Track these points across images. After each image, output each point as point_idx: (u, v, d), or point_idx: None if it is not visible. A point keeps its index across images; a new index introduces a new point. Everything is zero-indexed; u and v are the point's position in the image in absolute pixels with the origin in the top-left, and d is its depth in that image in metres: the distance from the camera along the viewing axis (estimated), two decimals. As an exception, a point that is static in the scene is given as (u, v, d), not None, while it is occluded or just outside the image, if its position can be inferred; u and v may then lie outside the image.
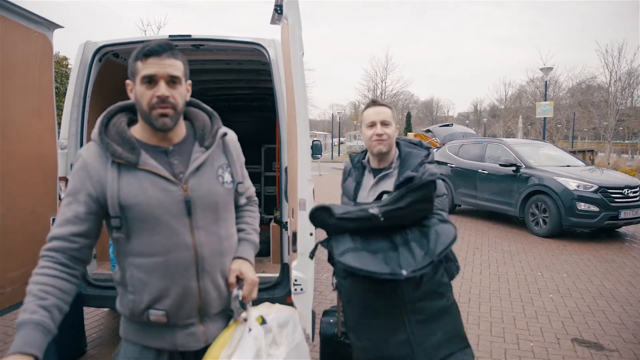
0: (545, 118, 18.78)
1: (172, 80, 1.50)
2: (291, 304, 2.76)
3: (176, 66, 1.51)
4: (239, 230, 1.78)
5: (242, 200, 1.80)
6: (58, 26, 3.40)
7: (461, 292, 5.34)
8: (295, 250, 2.61)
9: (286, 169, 3.24)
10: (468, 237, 8.42)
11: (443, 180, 2.09)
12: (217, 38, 3.76)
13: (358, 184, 2.31)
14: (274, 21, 2.86)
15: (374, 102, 2.30)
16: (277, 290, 3.38)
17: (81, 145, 3.64)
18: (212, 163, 1.62)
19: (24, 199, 3.13)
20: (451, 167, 10.77)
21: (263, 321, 1.62)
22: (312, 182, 2.60)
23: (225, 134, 1.71)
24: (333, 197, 13.15)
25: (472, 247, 7.63)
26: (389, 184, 2.15)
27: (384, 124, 2.22)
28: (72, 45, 4.16)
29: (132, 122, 1.62)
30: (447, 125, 15.04)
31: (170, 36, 3.62)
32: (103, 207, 1.51)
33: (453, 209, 10.90)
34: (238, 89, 6.51)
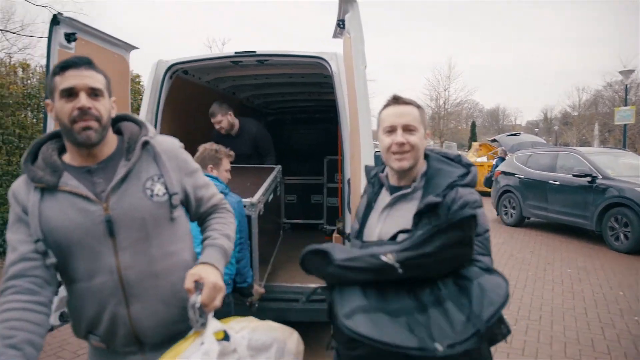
0: (625, 125, 17.57)
1: (94, 93, 1.42)
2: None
3: (96, 78, 1.44)
4: (205, 239, 1.63)
5: (204, 210, 1.68)
6: (134, 47, 3.63)
7: (531, 309, 5.08)
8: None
9: (349, 180, 3.25)
10: (539, 252, 8.02)
11: (478, 206, 1.56)
12: (280, 53, 3.87)
13: (370, 205, 1.80)
14: (336, 35, 2.90)
15: (395, 100, 1.72)
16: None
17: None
18: (139, 175, 1.49)
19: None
20: (519, 177, 10.34)
21: (225, 337, 1.38)
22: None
23: (146, 142, 1.53)
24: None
25: (543, 263, 7.25)
26: (407, 208, 1.64)
27: (408, 129, 1.65)
28: (139, 61, 4.46)
29: (64, 149, 1.53)
30: (515, 135, 14.49)
31: (236, 52, 3.76)
32: None
33: (521, 222, 10.45)
34: (301, 102, 6.64)
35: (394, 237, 1.56)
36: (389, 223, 1.66)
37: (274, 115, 7.26)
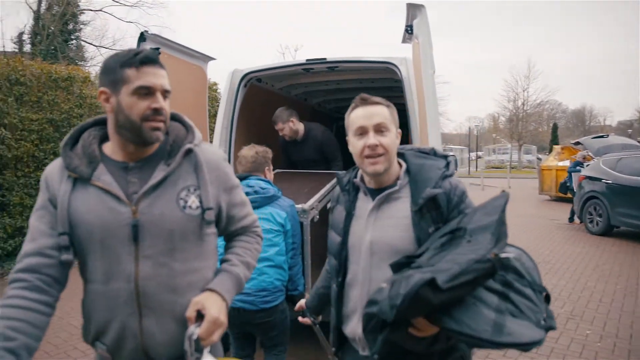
0: None
1: (165, 94, 1.40)
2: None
3: (167, 79, 1.42)
4: (223, 262, 1.56)
5: (233, 229, 1.60)
6: (212, 58, 3.84)
7: (620, 325, 4.72)
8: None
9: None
10: (630, 264, 7.42)
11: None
12: (350, 59, 3.92)
13: (349, 213, 1.68)
14: (405, 40, 2.90)
15: (363, 100, 1.62)
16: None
17: (229, 162, 4.04)
18: (175, 183, 1.41)
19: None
20: (607, 183, 9.61)
21: None
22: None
23: (190, 150, 1.45)
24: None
25: (635, 276, 6.70)
26: (397, 209, 1.59)
27: (379, 130, 1.57)
28: (215, 70, 4.69)
29: (106, 138, 1.48)
30: (602, 136, 13.50)
31: (307, 60, 3.86)
32: None
33: (610, 231, 9.71)
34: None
35: (418, 247, 1.50)
36: (380, 226, 1.59)
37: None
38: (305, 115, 5.97)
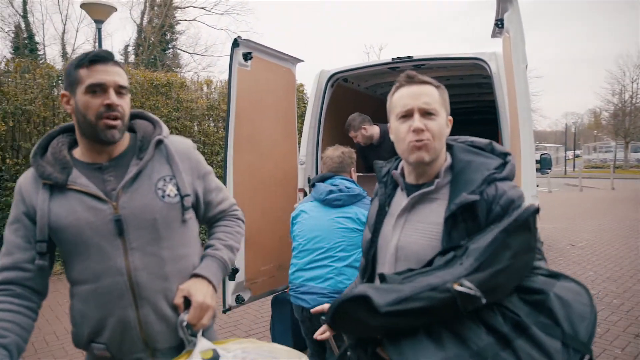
0: None
1: (119, 91, 1.39)
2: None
3: (122, 75, 1.41)
4: (207, 247, 1.58)
5: (212, 214, 1.63)
6: (300, 60, 3.98)
7: None
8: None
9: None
10: None
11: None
12: (437, 57, 3.87)
13: (382, 208, 1.50)
14: (495, 35, 2.82)
15: (409, 79, 1.40)
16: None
17: (317, 161, 4.16)
18: (151, 175, 1.45)
19: (272, 207, 3.72)
20: None
21: (214, 356, 1.31)
22: (537, 199, 2.47)
23: (160, 141, 1.50)
24: (567, 217, 11.81)
25: None
26: (430, 211, 1.37)
27: (427, 113, 1.35)
28: (302, 71, 4.83)
29: (75, 144, 1.51)
30: None
31: (393, 59, 3.87)
32: None
33: None
34: (459, 104, 6.48)
35: (429, 263, 1.26)
36: (409, 230, 1.39)
37: None
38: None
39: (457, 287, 1.05)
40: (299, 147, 4.12)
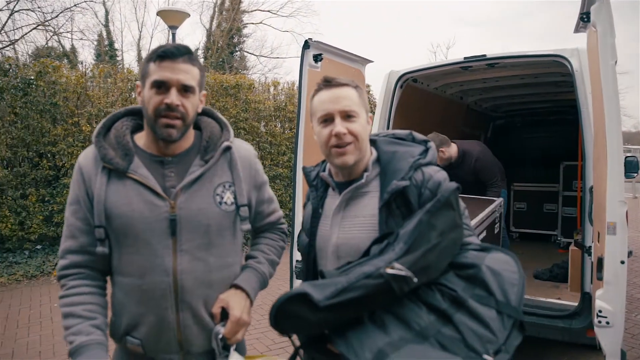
0: None
1: (185, 89, 1.35)
2: (593, 339, 2.49)
3: (191, 73, 1.36)
4: (249, 258, 1.57)
5: (260, 225, 1.61)
6: (369, 61, 3.96)
7: None
8: (600, 279, 2.36)
9: (591, 188, 2.94)
10: None
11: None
12: (513, 55, 3.73)
13: (316, 211, 1.50)
14: (578, 29, 2.67)
15: (327, 83, 1.41)
16: (575, 321, 3.07)
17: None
18: (212, 179, 1.42)
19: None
20: None
21: None
22: (625, 204, 2.31)
23: (228, 148, 1.46)
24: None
25: None
26: (364, 205, 1.40)
27: (348, 116, 1.37)
28: (368, 72, 4.81)
29: (139, 128, 1.49)
30: None
31: (465, 58, 3.77)
32: None
33: None
34: (532, 103, 6.22)
35: (367, 252, 1.26)
36: (347, 227, 1.41)
37: (503, 119, 6.96)
38: (460, 114, 5.81)
39: (389, 271, 1.10)
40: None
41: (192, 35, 42.83)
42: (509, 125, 6.88)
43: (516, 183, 6.09)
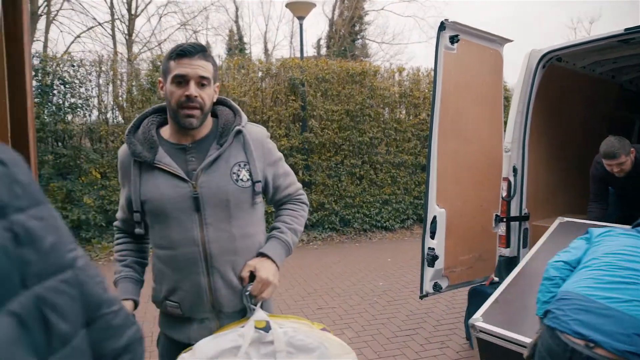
0: None
1: (202, 82, 1.54)
2: None
3: (207, 68, 1.56)
4: (273, 229, 1.75)
5: (279, 197, 1.79)
6: (509, 40, 3.71)
7: None
8: None
9: None
10: None
11: None
12: None
13: None
14: None
15: None
16: None
17: (523, 148, 3.87)
18: (228, 160, 1.61)
19: (475, 195, 3.59)
20: None
21: (266, 327, 1.46)
22: None
23: (239, 131, 1.64)
24: None
25: None
26: None
27: None
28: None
29: (165, 122, 1.69)
30: None
31: (626, 29, 3.35)
32: None
33: None
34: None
35: None
36: None
37: None
38: (611, 95, 5.20)
39: None
40: (504, 133, 3.87)
41: (315, 26, 43.82)
42: None
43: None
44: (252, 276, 1.60)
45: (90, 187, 6.97)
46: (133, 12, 16.65)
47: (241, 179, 1.61)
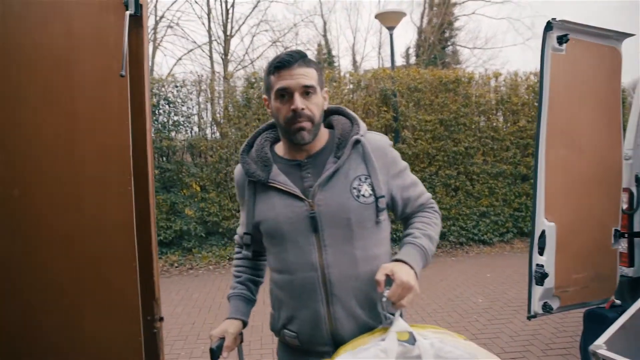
0: None
1: (306, 91, 1.42)
2: None
3: (309, 75, 1.43)
4: (406, 236, 1.54)
5: (411, 210, 1.59)
6: (629, 35, 3.36)
7: None
8: None
9: None
10: None
11: None
12: None
13: None
14: None
15: None
16: None
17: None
18: (347, 174, 1.46)
19: (590, 207, 3.27)
20: None
21: (410, 339, 1.24)
22: None
23: (357, 141, 1.49)
24: None
25: None
26: None
27: None
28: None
29: (278, 139, 1.60)
30: None
31: None
32: None
33: None
34: None
35: None
36: None
37: None
38: None
39: None
40: (624, 139, 3.50)
41: (403, 36, 43.45)
42: None
43: None
44: (388, 280, 1.37)
45: (191, 200, 7.46)
46: (228, 33, 17.63)
47: (363, 195, 1.46)
